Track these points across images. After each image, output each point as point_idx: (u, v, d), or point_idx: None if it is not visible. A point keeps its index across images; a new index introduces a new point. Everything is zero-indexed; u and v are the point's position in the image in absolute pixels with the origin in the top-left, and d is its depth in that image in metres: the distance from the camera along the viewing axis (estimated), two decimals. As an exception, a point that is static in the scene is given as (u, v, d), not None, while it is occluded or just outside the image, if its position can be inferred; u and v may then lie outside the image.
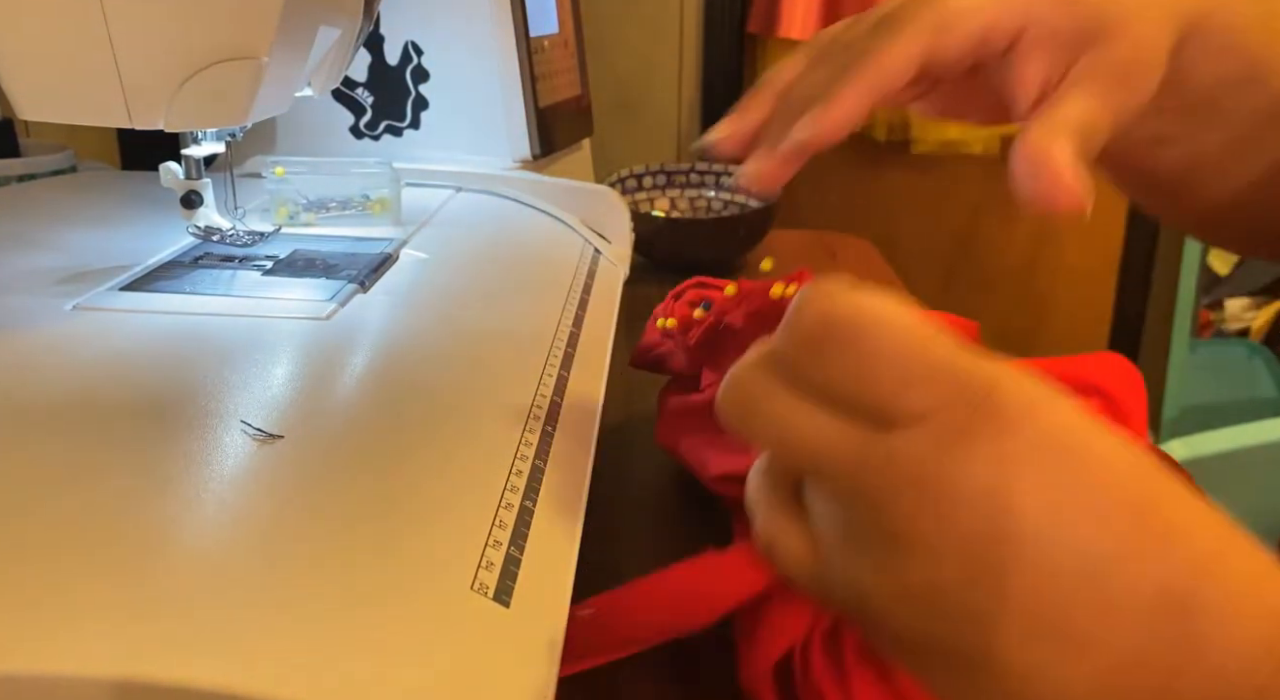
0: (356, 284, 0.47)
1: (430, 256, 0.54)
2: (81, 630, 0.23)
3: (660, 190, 0.92)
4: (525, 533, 0.30)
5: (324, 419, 0.35)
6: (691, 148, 0.36)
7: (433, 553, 0.28)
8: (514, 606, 0.27)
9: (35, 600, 0.24)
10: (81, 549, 0.26)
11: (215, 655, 0.23)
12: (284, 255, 0.52)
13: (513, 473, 0.33)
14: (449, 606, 0.26)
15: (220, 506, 0.29)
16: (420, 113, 0.73)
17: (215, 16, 0.40)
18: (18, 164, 0.74)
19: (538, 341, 0.44)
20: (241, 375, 0.38)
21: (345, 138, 0.74)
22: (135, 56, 0.39)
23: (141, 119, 0.41)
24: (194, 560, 0.26)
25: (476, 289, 0.51)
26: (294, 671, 0.23)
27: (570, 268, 0.57)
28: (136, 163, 0.96)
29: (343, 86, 0.72)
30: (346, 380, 0.39)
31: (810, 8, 1.90)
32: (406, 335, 0.44)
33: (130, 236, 0.54)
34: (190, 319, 0.43)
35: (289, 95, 0.49)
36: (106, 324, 0.42)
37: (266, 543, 0.27)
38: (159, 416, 0.34)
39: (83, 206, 0.62)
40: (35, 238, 0.54)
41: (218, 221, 0.53)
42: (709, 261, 0.84)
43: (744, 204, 0.90)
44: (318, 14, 0.47)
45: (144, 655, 0.22)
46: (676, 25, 1.94)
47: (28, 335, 0.40)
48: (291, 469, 0.31)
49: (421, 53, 0.72)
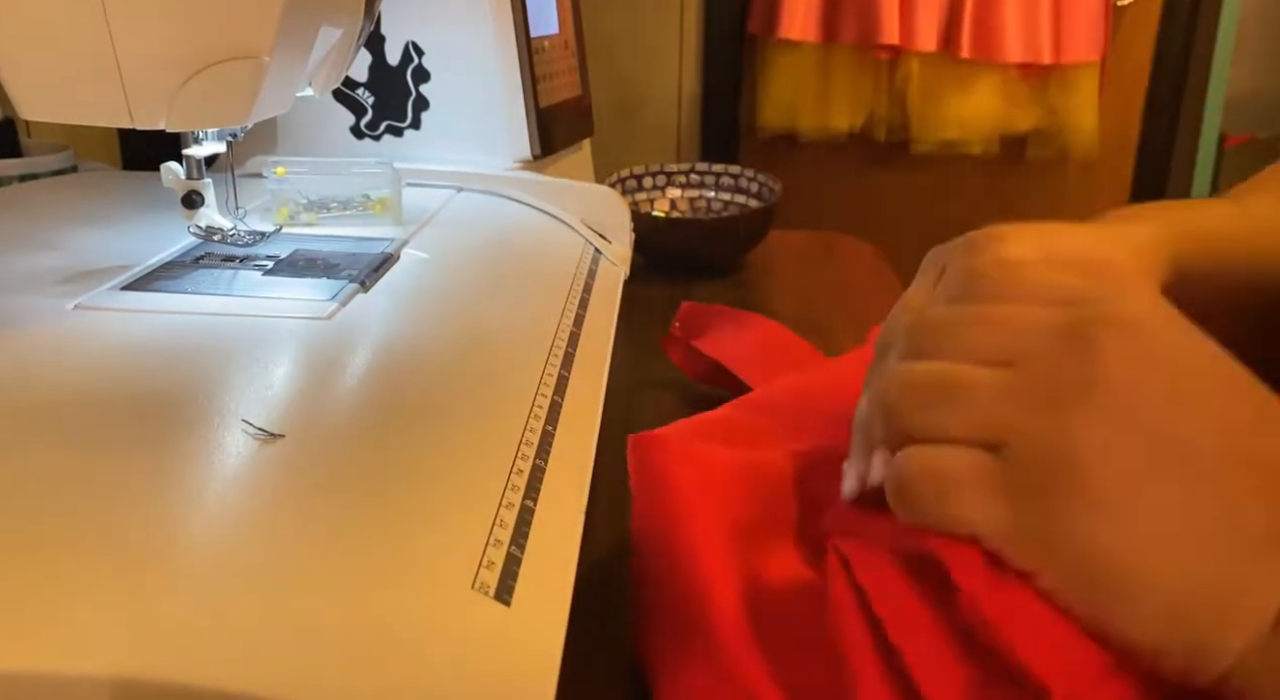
0: (357, 284, 0.47)
1: (431, 256, 0.54)
2: (81, 629, 0.23)
3: (660, 190, 0.92)
4: (526, 532, 0.30)
5: (325, 418, 0.35)
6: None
7: (433, 552, 0.28)
8: (515, 606, 0.27)
9: (35, 599, 0.24)
10: (82, 548, 0.26)
11: (215, 655, 0.23)
12: (285, 255, 0.52)
13: (513, 472, 0.33)
14: (450, 605, 0.26)
15: (221, 505, 0.29)
16: (421, 113, 0.73)
17: (216, 16, 0.40)
18: (18, 164, 0.74)
19: (538, 341, 0.44)
20: (242, 375, 0.38)
21: (346, 138, 0.74)
22: (136, 56, 0.39)
23: (143, 119, 0.41)
24: (194, 560, 0.26)
25: (477, 289, 0.51)
26: (294, 671, 0.23)
27: (570, 268, 0.57)
28: (137, 163, 0.96)
29: (343, 86, 0.72)
30: (347, 380, 0.39)
31: (810, 8, 1.90)
32: (407, 335, 0.44)
33: (131, 236, 0.54)
34: (191, 319, 0.43)
35: (290, 95, 0.49)
36: (107, 324, 0.42)
37: (267, 542, 0.27)
38: (160, 416, 0.34)
39: (83, 206, 0.62)
40: (36, 238, 0.54)
41: (219, 221, 0.53)
42: (709, 261, 0.84)
43: (744, 204, 0.90)
44: (319, 14, 0.47)
45: (144, 654, 0.23)
46: (676, 25, 1.94)
47: (28, 335, 0.40)
48: (293, 468, 0.31)
49: (422, 53, 0.72)
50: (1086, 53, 1.93)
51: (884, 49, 1.91)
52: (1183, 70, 2.04)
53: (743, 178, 0.91)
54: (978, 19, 1.88)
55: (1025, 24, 1.88)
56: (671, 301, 0.70)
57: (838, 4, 1.90)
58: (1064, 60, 1.92)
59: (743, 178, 0.91)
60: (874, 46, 1.90)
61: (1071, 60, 1.93)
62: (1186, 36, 2.02)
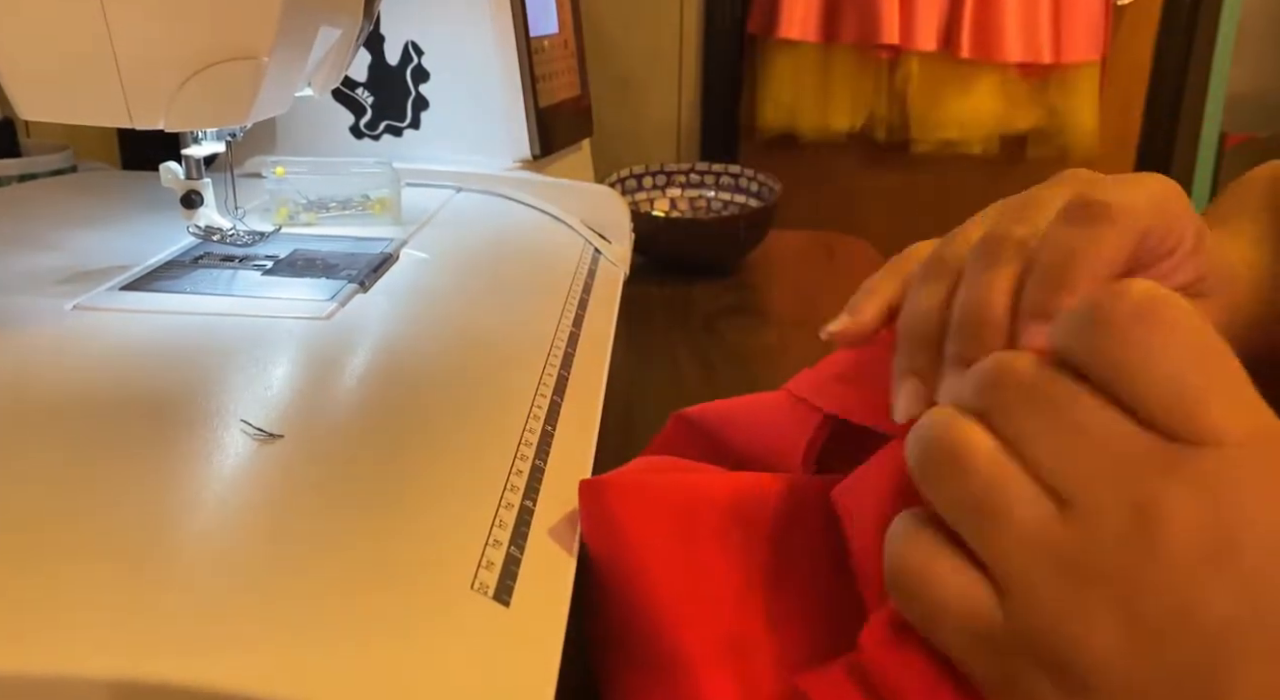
0: (356, 284, 0.47)
1: (430, 256, 0.54)
2: (81, 630, 0.23)
3: (660, 190, 0.92)
4: (525, 532, 0.30)
5: (324, 418, 0.35)
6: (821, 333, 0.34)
7: (432, 552, 0.28)
8: (514, 606, 0.27)
9: (35, 600, 0.24)
10: (81, 549, 0.26)
11: (214, 656, 0.23)
12: (284, 255, 0.52)
13: (513, 472, 0.33)
14: (449, 606, 0.26)
15: (220, 506, 0.29)
16: (420, 113, 0.73)
17: (215, 16, 0.40)
18: (18, 164, 0.74)
19: (538, 341, 0.44)
20: (242, 375, 0.38)
21: (345, 138, 0.74)
22: (135, 56, 0.39)
23: (142, 119, 0.41)
24: (193, 560, 0.26)
25: (476, 289, 0.51)
26: (293, 671, 0.23)
27: (570, 268, 0.57)
28: (136, 163, 0.96)
29: (343, 86, 0.72)
30: (346, 380, 0.39)
31: (810, 8, 1.90)
32: (406, 335, 0.44)
33: (130, 236, 0.54)
34: (190, 319, 0.43)
35: (289, 95, 0.49)
36: (106, 324, 0.42)
37: (266, 543, 0.27)
38: (159, 416, 0.34)
39: (83, 206, 0.62)
40: (35, 238, 0.54)
41: (218, 221, 0.53)
42: (709, 261, 0.84)
43: (744, 204, 0.90)
44: (318, 14, 0.47)
45: (144, 655, 0.23)
46: (676, 25, 1.94)
47: (28, 335, 0.40)
48: (291, 468, 0.31)
49: (422, 53, 0.72)
50: (1086, 52, 1.93)
51: (884, 49, 1.91)
52: (1183, 70, 2.04)
53: (743, 178, 0.91)
54: (977, 19, 1.88)
55: (1025, 24, 1.88)
56: (672, 301, 0.70)
57: (838, 4, 1.90)
58: (1064, 60, 1.92)
59: (743, 178, 0.91)
60: (874, 46, 1.90)
61: (1071, 60, 1.93)
62: (1186, 36, 2.02)
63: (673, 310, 0.63)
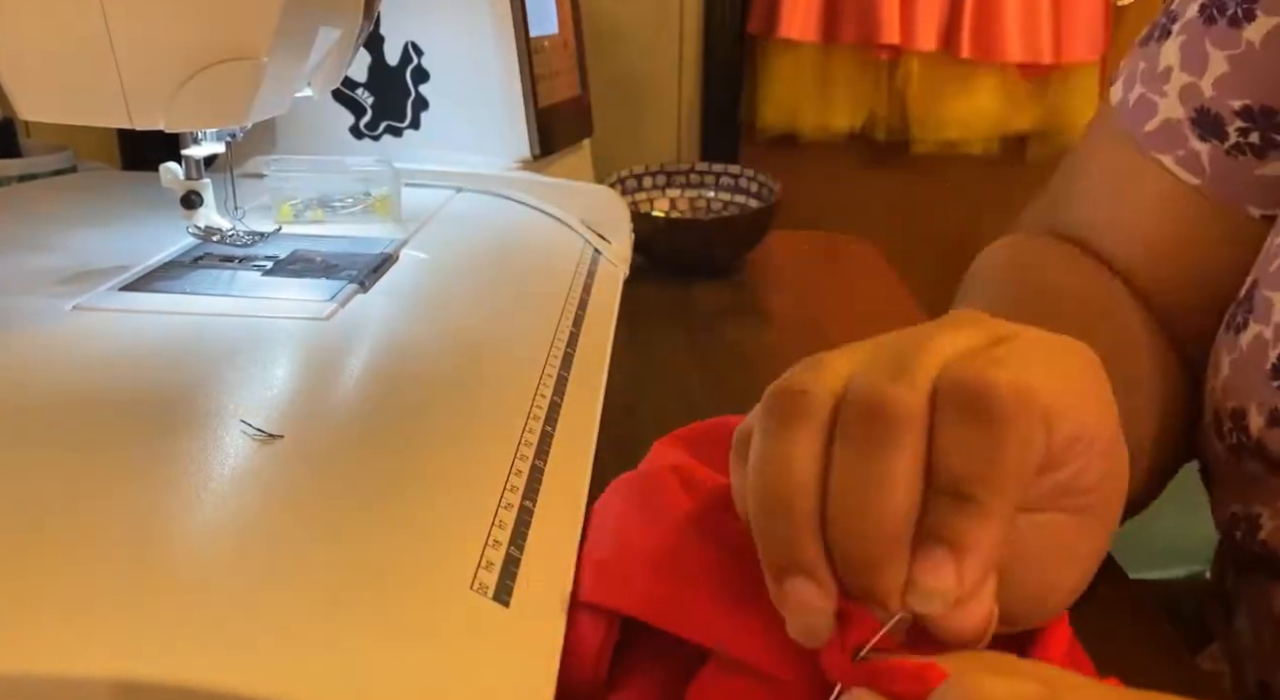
0: (356, 284, 0.47)
1: (430, 257, 0.54)
2: (81, 630, 0.23)
3: (660, 190, 0.92)
4: (525, 533, 0.30)
5: (324, 419, 0.35)
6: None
7: (432, 552, 0.28)
8: (514, 606, 0.27)
9: (34, 600, 0.24)
10: (80, 549, 0.26)
11: (214, 656, 0.23)
12: (284, 255, 0.52)
13: (512, 473, 0.33)
14: (449, 606, 0.26)
15: (219, 506, 0.29)
16: (420, 113, 0.73)
17: (215, 17, 0.40)
18: (18, 164, 0.74)
19: (537, 342, 0.44)
20: (241, 375, 0.38)
21: (345, 138, 0.74)
22: (135, 56, 0.39)
23: (142, 119, 0.41)
24: (193, 561, 0.26)
25: (476, 289, 0.51)
26: (293, 671, 0.23)
27: (570, 268, 0.57)
28: (136, 163, 0.96)
29: (343, 87, 0.72)
30: (346, 380, 0.39)
31: (810, 8, 1.90)
32: (406, 335, 0.44)
33: (130, 236, 0.54)
34: (190, 319, 0.43)
35: (289, 95, 0.49)
36: (106, 324, 0.42)
37: (265, 543, 0.27)
38: (159, 416, 0.34)
39: (83, 206, 0.62)
40: (35, 238, 0.54)
41: (218, 222, 0.53)
42: (709, 261, 0.84)
43: (744, 204, 0.90)
44: (318, 14, 0.47)
45: (144, 655, 0.23)
46: (676, 25, 1.94)
47: (28, 335, 0.40)
48: (291, 469, 0.31)
49: (421, 53, 0.72)
50: (1086, 52, 1.93)
51: (884, 49, 1.91)
52: (1183, 70, 2.04)
53: (743, 178, 0.91)
54: (978, 19, 1.88)
55: (1025, 24, 1.88)
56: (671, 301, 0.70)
57: (838, 4, 1.90)
58: (1064, 60, 1.92)
59: (743, 178, 0.91)
60: (874, 46, 1.90)
61: (1071, 60, 1.93)
62: (1186, 36, 2.02)
63: (673, 310, 0.63)
